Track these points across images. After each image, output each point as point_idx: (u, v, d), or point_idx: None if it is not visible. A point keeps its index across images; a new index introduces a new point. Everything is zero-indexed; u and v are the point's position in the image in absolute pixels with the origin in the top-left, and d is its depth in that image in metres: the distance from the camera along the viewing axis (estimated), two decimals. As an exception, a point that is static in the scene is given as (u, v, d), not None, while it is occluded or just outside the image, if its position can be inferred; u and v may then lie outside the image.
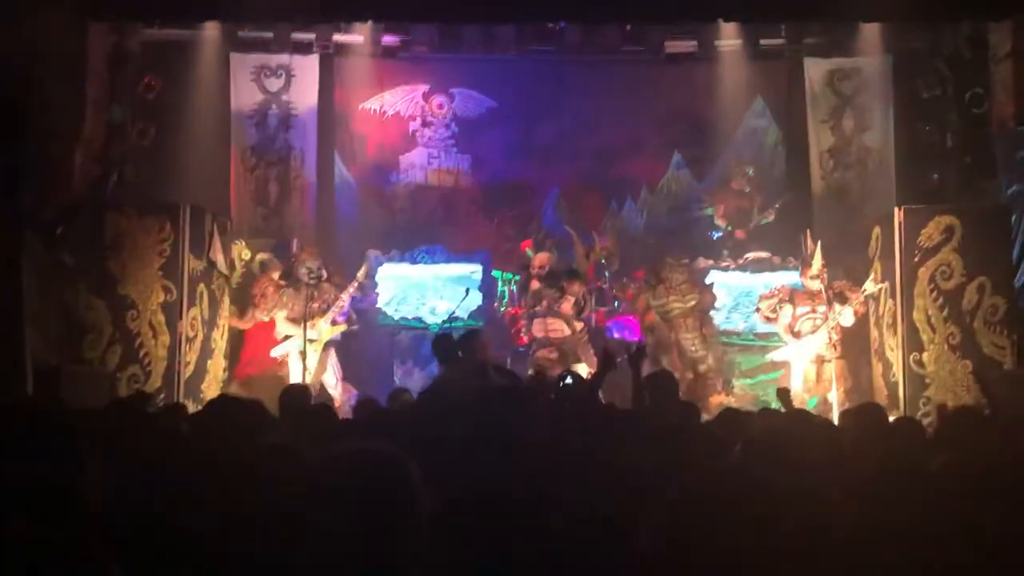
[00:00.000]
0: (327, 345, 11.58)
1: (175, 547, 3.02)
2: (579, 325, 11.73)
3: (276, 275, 11.79)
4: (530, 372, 10.57)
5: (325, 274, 11.70)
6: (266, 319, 11.65)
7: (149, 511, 3.16)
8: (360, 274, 11.90)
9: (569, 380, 6.51)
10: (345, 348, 11.96)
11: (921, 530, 3.17)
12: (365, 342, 12.36)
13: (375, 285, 12.65)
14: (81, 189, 11.66)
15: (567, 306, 11.67)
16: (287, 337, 11.50)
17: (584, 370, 11.16)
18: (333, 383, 11.51)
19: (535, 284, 11.89)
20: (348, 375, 11.80)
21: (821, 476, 3.65)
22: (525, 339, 11.88)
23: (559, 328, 11.60)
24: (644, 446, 4.12)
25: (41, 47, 10.68)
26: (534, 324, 11.70)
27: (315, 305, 11.47)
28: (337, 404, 10.66)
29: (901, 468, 3.64)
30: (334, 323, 11.60)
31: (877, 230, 11.55)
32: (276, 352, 11.53)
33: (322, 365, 11.48)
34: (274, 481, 3.29)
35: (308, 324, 11.22)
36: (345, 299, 11.62)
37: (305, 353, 11.11)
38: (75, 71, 11.64)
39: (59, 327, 10.52)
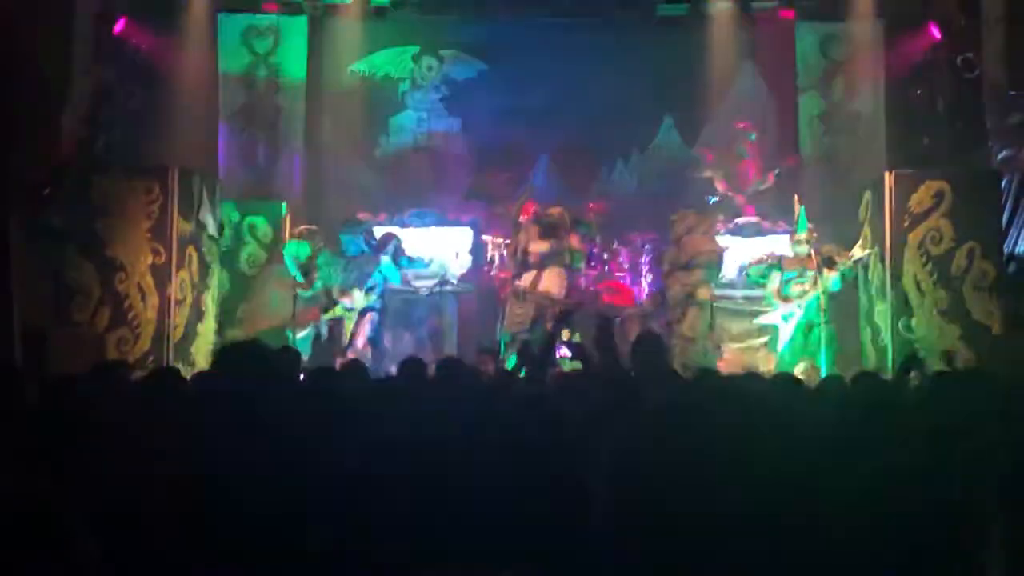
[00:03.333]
0: (363, 312, 11.68)
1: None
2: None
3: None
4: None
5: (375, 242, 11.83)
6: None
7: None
8: (391, 247, 11.90)
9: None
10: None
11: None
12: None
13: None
14: (69, 151, 11.58)
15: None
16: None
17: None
18: (363, 344, 11.61)
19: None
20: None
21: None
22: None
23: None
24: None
25: (27, 8, 10.59)
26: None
27: (353, 275, 11.57)
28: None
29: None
30: (368, 292, 11.70)
31: (867, 195, 11.54)
32: (327, 316, 11.73)
33: (357, 329, 11.68)
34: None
35: (344, 295, 11.55)
36: (374, 271, 11.71)
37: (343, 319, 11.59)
38: (62, 32, 11.54)
39: (47, 289, 10.47)
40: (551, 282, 11.50)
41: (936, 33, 13.02)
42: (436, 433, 3.45)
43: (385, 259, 11.82)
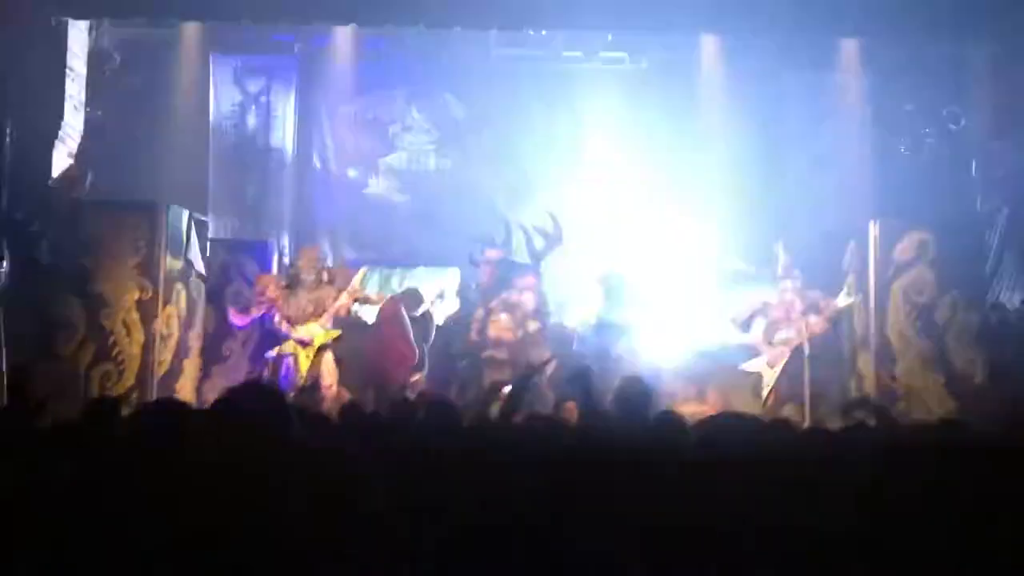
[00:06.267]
0: (321, 348, 11.40)
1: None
2: (533, 325, 11.70)
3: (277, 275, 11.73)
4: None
5: (326, 277, 11.59)
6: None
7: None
8: (355, 281, 11.78)
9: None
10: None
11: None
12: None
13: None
14: (58, 186, 11.62)
15: (527, 298, 11.69)
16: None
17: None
18: (328, 383, 11.35)
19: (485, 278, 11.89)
20: (343, 379, 11.65)
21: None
22: (475, 338, 11.78)
23: (509, 327, 11.59)
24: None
25: (20, 45, 10.66)
26: (489, 324, 11.67)
27: (310, 309, 11.37)
28: (325, 405, 10.65)
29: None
30: (326, 328, 11.45)
31: (852, 243, 11.62)
32: (270, 354, 11.41)
33: (315, 368, 11.35)
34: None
35: (300, 327, 11.23)
36: (339, 306, 11.46)
37: (296, 356, 11.14)
38: (54, 69, 11.62)
39: (32, 324, 10.47)
40: (496, 328, 11.57)
41: (922, 84, 13.15)
42: None
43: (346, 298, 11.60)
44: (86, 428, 5.11)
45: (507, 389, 6.15)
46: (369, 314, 12.33)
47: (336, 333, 11.43)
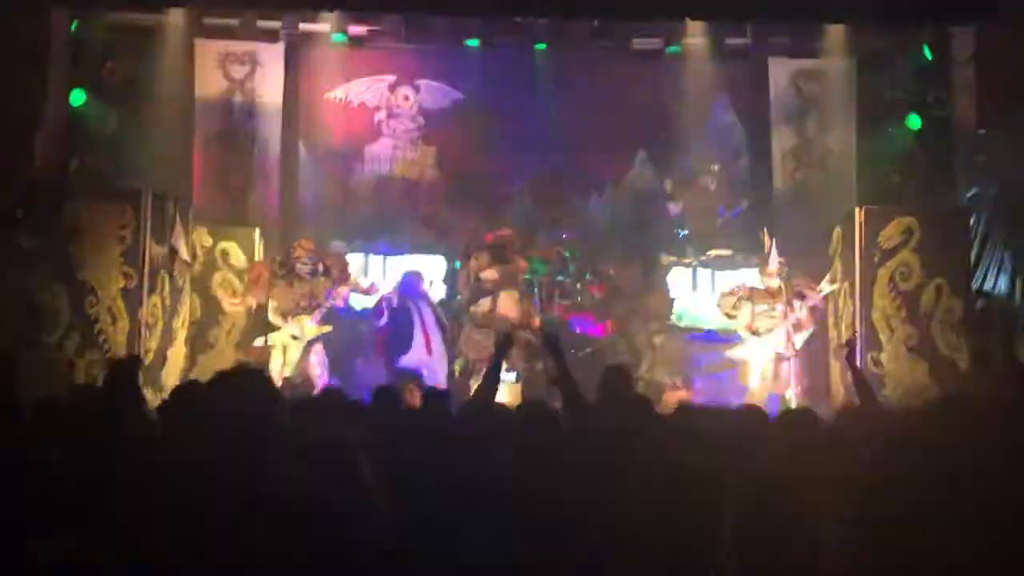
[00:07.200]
0: (311, 341, 11.38)
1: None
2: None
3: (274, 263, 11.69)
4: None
5: (322, 268, 11.55)
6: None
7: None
8: (352, 278, 11.78)
9: None
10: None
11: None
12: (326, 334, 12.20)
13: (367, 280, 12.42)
14: (42, 173, 11.57)
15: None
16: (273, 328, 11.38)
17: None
18: (319, 373, 11.34)
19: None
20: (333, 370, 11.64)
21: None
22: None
23: (518, 303, 11.72)
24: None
25: (1, 31, 10.60)
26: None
27: (303, 303, 11.35)
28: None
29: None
30: (317, 324, 11.40)
31: (838, 230, 11.65)
32: (259, 341, 11.43)
33: (304, 359, 11.30)
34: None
35: (292, 321, 11.24)
36: (334, 300, 11.47)
37: (286, 348, 11.16)
38: (37, 55, 11.56)
39: (17, 311, 10.43)
40: (507, 306, 11.62)
41: (907, 71, 13.19)
42: None
43: (343, 289, 11.59)
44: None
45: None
46: (359, 303, 12.33)
47: (327, 328, 11.44)
